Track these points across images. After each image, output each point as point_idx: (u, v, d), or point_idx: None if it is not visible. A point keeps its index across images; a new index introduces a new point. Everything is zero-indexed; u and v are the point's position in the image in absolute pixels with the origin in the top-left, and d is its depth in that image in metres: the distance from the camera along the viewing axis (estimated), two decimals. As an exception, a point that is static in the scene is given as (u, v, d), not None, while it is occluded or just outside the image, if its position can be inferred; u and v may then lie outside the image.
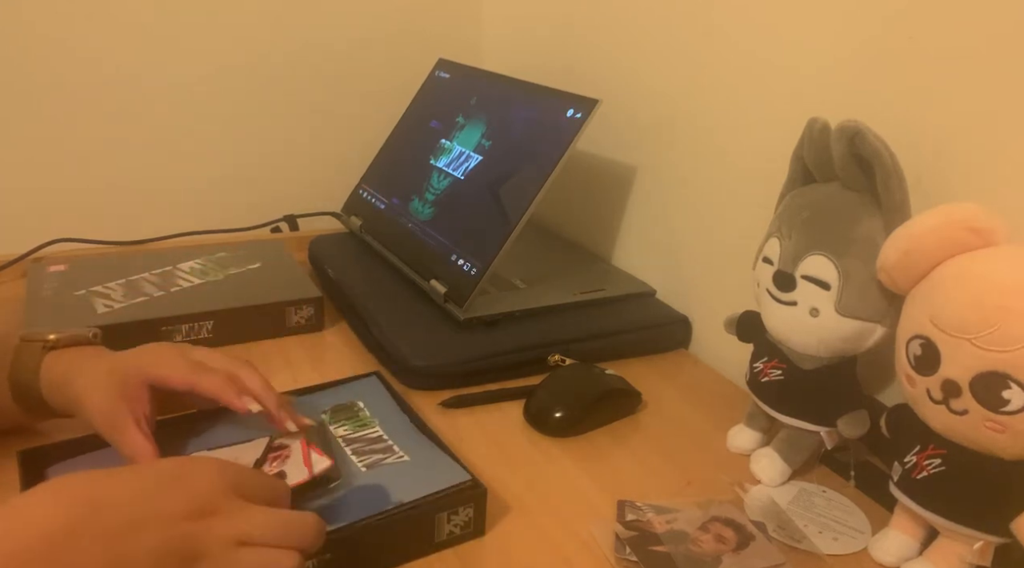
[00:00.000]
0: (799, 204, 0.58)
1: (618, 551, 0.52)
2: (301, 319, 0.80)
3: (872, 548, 0.54)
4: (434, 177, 0.90)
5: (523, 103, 0.86)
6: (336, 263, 0.90)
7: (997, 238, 0.47)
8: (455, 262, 0.80)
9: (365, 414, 0.62)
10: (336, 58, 1.10)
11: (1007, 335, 0.43)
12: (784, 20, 0.70)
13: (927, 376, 0.47)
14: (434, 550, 0.52)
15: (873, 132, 0.52)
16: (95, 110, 0.97)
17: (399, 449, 0.57)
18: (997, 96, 0.55)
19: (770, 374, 0.60)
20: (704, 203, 0.82)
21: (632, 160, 0.92)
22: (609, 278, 0.90)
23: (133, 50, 0.97)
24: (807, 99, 0.69)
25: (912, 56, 0.60)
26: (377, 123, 1.06)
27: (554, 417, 0.66)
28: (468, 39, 1.19)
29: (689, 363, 0.81)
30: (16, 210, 0.96)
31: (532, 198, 0.76)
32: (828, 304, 0.55)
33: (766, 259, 0.59)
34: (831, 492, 0.61)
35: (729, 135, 0.78)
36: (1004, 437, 0.45)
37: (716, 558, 0.52)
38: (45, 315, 0.73)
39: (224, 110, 1.05)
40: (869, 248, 0.53)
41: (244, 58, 1.04)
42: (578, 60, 1.00)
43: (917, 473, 0.50)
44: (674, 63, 0.84)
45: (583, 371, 0.71)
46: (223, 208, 1.07)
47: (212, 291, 0.80)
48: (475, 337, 0.75)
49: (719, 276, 0.81)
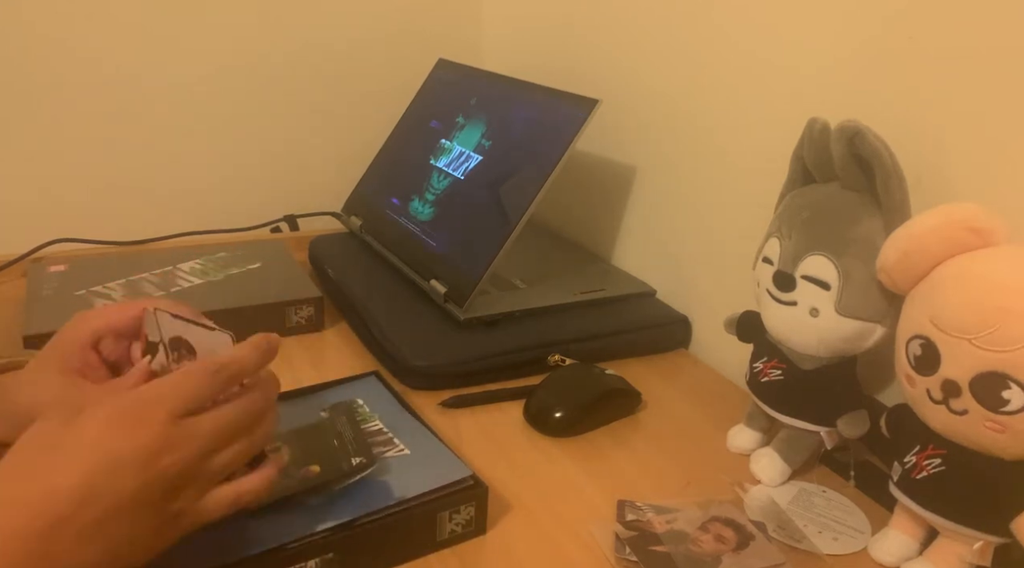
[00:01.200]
0: (799, 204, 0.58)
1: (618, 551, 0.52)
2: (301, 319, 0.80)
3: (872, 548, 0.54)
4: (434, 177, 0.90)
5: (523, 103, 0.86)
6: (336, 263, 0.90)
7: (997, 238, 0.47)
8: (455, 262, 0.80)
9: (365, 410, 0.62)
10: (336, 58, 1.10)
11: (1007, 335, 0.43)
12: (784, 20, 0.70)
13: (927, 376, 0.47)
14: (435, 549, 0.52)
15: (873, 132, 0.52)
16: (95, 110, 0.97)
17: (399, 442, 0.57)
18: (997, 96, 0.55)
19: (770, 374, 0.60)
20: (704, 203, 0.82)
21: (632, 160, 0.92)
22: (609, 278, 0.90)
23: (133, 50, 0.97)
24: (807, 99, 0.69)
25: (912, 56, 0.60)
26: (377, 123, 1.06)
27: (554, 417, 0.66)
28: (468, 39, 1.19)
29: (689, 363, 0.81)
30: (16, 210, 0.96)
31: (532, 198, 0.76)
32: (828, 304, 0.55)
33: (766, 259, 0.59)
34: (831, 492, 0.61)
35: (729, 135, 0.78)
36: (1004, 437, 0.45)
37: (716, 558, 0.52)
38: (45, 315, 0.73)
39: (224, 110, 1.05)
40: (869, 248, 0.53)
41: (244, 58, 1.04)
42: (578, 60, 1.00)
43: (917, 473, 0.50)
44: (674, 63, 0.84)
45: (583, 371, 0.71)
46: (223, 208, 1.07)
47: (212, 291, 0.80)
48: (475, 337, 0.75)
49: (719, 276, 0.81)
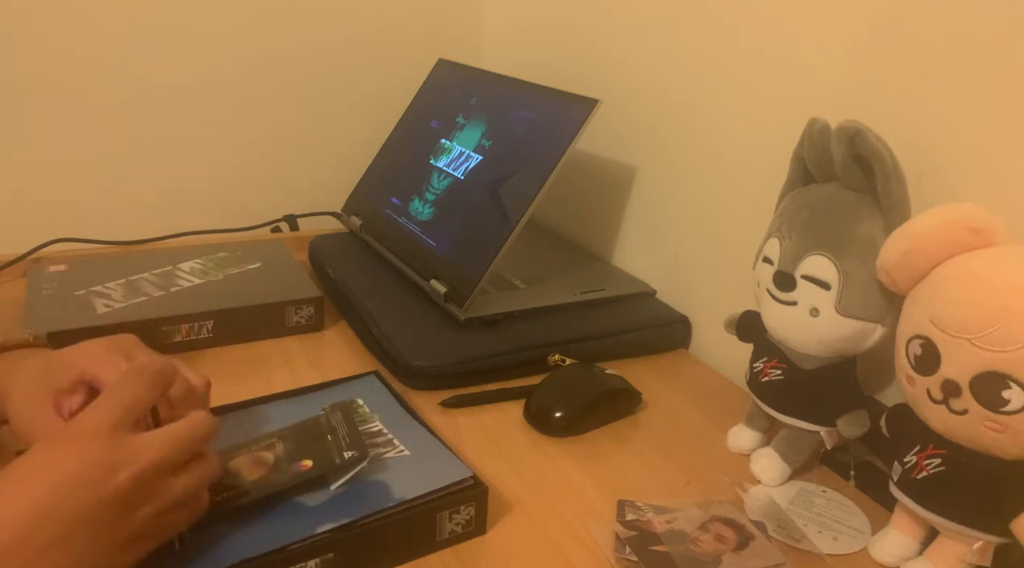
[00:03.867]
0: (799, 204, 0.58)
1: (618, 551, 0.53)
2: (301, 319, 0.80)
3: (872, 548, 0.54)
4: (434, 177, 0.90)
5: (523, 103, 0.86)
6: (336, 263, 0.90)
7: (997, 238, 0.47)
8: (455, 262, 0.80)
9: (365, 410, 0.62)
10: (336, 58, 1.10)
11: (1007, 335, 0.43)
12: (784, 20, 0.70)
13: (927, 376, 0.47)
14: (435, 549, 0.52)
15: (873, 132, 0.52)
16: (95, 110, 0.97)
17: (399, 443, 0.57)
18: (997, 96, 0.55)
19: (770, 374, 0.60)
20: (704, 203, 0.82)
21: (632, 160, 0.92)
22: (609, 278, 0.90)
23: (133, 50, 0.97)
24: (807, 99, 0.69)
25: (912, 56, 0.60)
26: (377, 123, 1.06)
27: (554, 417, 0.66)
28: (468, 39, 1.19)
29: (689, 363, 0.81)
30: (16, 210, 0.96)
31: (532, 198, 0.76)
32: (828, 304, 0.55)
33: (766, 259, 0.59)
34: (831, 492, 0.61)
35: (729, 135, 0.78)
36: (1004, 437, 0.45)
37: (716, 558, 0.52)
38: (45, 315, 0.73)
39: (224, 110, 1.05)
40: (869, 248, 0.53)
41: (244, 58, 1.04)
42: (578, 60, 1.00)
43: (917, 473, 0.50)
44: (674, 63, 0.84)
45: (583, 371, 0.71)
46: (223, 208, 1.07)
47: (212, 291, 0.80)
48: (475, 337, 0.75)
49: (719, 276, 0.81)
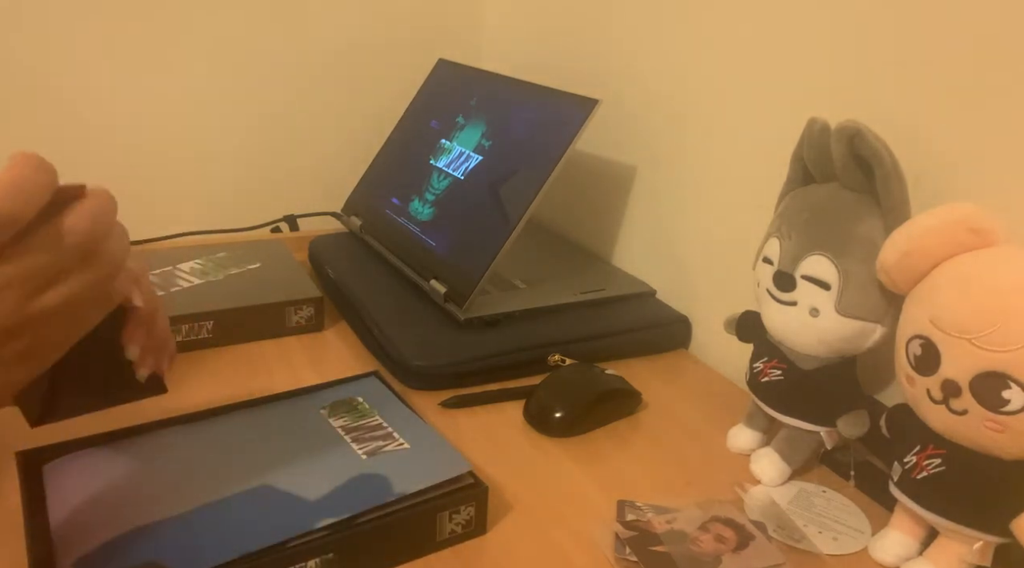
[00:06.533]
0: (799, 204, 0.58)
1: (618, 551, 0.52)
2: (301, 319, 0.80)
3: (872, 548, 0.54)
4: (434, 177, 0.90)
5: (523, 103, 0.86)
6: (336, 263, 0.90)
7: (997, 238, 0.47)
8: (455, 262, 0.80)
9: (365, 406, 0.62)
10: (336, 58, 1.10)
11: (1007, 335, 0.43)
12: (784, 20, 0.70)
13: (927, 376, 0.47)
14: (435, 549, 0.52)
15: (873, 132, 0.52)
16: (94, 110, 0.97)
17: (399, 437, 0.57)
18: (997, 96, 0.55)
19: (770, 374, 0.60)
20: (704, 203, 0.82)
21: (632, 160, 0.92)
22: (609, 278, 0.90)
23: (133, 51, 0.97)
24: (807, 99, 0.69)
25: (912, 56, 0.60)
26: (377, 123, 1.06)
27: (554, 417, 0.66)
28: (468, 39, 1.19)
29: (689, 363, 0.81)
30: (16, 210, 0.96)
31: (532, 198, 0.76)
32: (828, 304, 0.55)
33: (766, 259, 0.59)
34: (831, 492, 0.61)
35: (729, 135, 0.78)
36: (1004, 437, 0.45)
37: (716, 558, 0.52)
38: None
39: (224, 110, 1.05)
40: (869, 248, 0.53)
41: (244, 58, 1.04)
42: (578, 60, 1.00)
43: (917, 473, 0.50)
44: (674, 63, 0.84)
45: (583, 371, 0.71)
46: (223, 208, 1.07)
47: (212, 291, 0.80)
48: (475, 337, 0.75)
49: (719, 276, 0.81)
